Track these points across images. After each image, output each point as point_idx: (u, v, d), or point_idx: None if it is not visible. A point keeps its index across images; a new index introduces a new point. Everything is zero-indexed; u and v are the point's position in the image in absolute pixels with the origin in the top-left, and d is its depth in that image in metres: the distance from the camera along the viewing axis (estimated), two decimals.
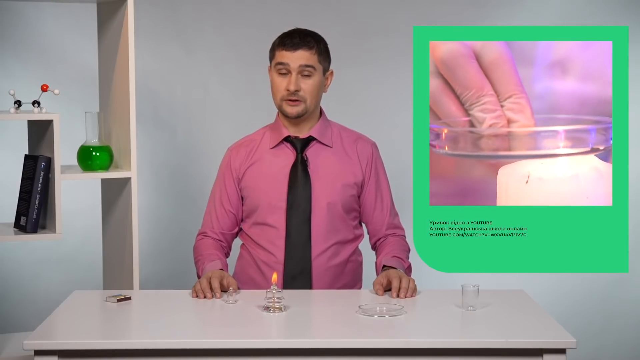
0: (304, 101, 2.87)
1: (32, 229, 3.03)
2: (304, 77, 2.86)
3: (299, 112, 2.87)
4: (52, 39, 4.10)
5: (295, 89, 2.84)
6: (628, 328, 4.42)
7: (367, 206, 2.98)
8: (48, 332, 2.41)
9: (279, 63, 2.86)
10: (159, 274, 4.18)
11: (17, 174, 3.27)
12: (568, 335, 2.37)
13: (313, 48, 2.86)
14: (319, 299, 2.77)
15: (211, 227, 2.98)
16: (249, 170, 2.95)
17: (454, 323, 2.51)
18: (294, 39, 2.86)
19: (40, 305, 3.94)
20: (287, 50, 2.85)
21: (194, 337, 2.39)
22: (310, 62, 2.86)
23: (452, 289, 2.79)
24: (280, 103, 2.89)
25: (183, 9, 4.21)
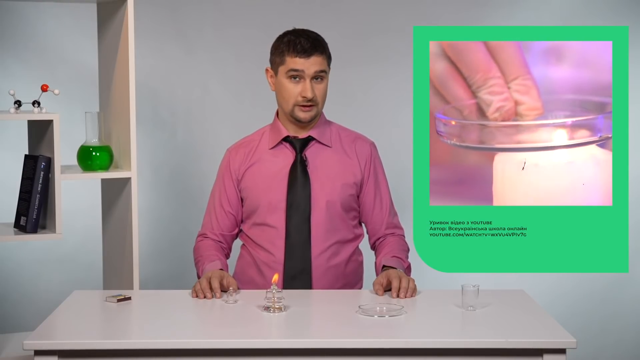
0: (316, 105, 2.87)
1: (32, 229, 3.03)
2: (316, 81, 2.86)
3: (312, 117, 2.88)
4: (52, 39, 4.10)
5: (312, 96, 2.84)
6: (628, 328, 4.42)
7: (366, 206, 2.98)
8: (48, 332, 2.41)
9: (292, 69, 2.84)
10: (159, 274, 4.18)
11: (17, 174, 3.27)
12: (568, 335, 2.37)
13: (324, 53, 2.86)
14: (319, 299, 2.77)
15: (211, 229, 2.98)
16: (248, 171, 2.95)
17: (454, 323, 2.51)
18: (305, 44, 2.83)
19: (40, 305, 3.94)
20: (301, 57, 2.83)
21: (194, 337, 2.39)
22: (323, 67, 2.85)
23: (452, 289, 2.79)
24: (292, 108, 2.88)
25: (183, 9, 4.21)
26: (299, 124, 2.91)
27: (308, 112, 2.86)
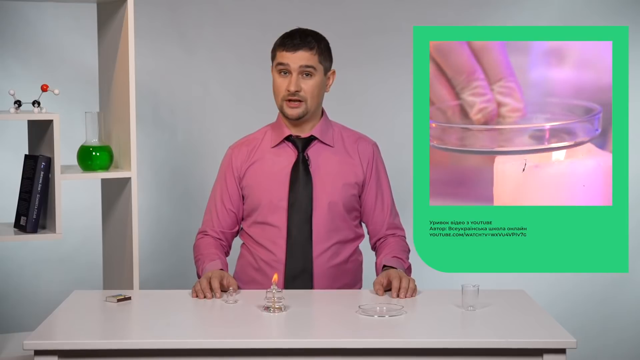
0: (304, 101, 2.87)
1: (32, 229, 3.03)
2: (304, 77, 2.86)
3: (299, 114, 2.87)
4: (52, 39, 4.10)
5: (295, 89, 2.84)
6: (628, 328, 4.42)
7: (367, 206, 2.98)
8: (48, 332, 2.41)
9: (279, 63, 2.86)
10: (159, 274, 4.18)
11: (17, 174, 3.27)
12: (568, 335, 2.37)
13: (313, 48, 2.86)
14: (319, 299, 2.77)
15: (211, 226, 2.98)
16: (250, 169, 2.95)
17: (454, 323, 2.51)
18: (295, 39, 2.86)
19: (40, 305, 3.94)
20: (288, 51, 2.85)
21: (194, 337, 2.39)
22: (311, 63, 2.86)
23: (452, 289, 2.79)
24: (281, 104, 2.89)
25: (183, 9, 4.21)
26: (292, 122, 2.91)
27: (295, 108, 2.87)
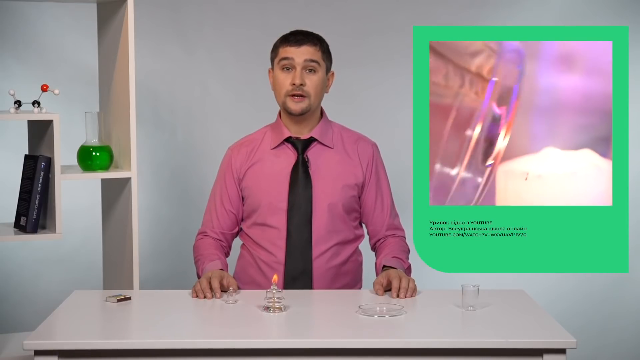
0: (308, 97, 2.87)
1: (32, 229, 3.03)
2: (308, 72, 2.87)
3: (303, 109, 2.88)
4: (52, 39, 4.10)
5: (300, 83, 2.85)
6: (628, 328, 4.42)
7: (367, 207, 2.98)
8: (48, 332, 2.41)
9: (283, 58, 2.87)
10: (159, 274, 4.18)
11: (17, 174, 3.27)
12: (568, 335, 2.37)
13: (317, 45, 2.89)
14: (319, 299, 2.77)
15: (211, 227, 2.98)
16: (249, 171, 2.95)
17: (454, 323, 2.51)
18: (298, 35, 2.89)
19: (40, 305, 3.94)
20: (292, 46, 2.87)
21: (194, 337, 2.39)
22: (315, 57, 2.87)
23: (452, 289, 2.79)
24: (284, 99, 2.89)
25: (183, 9, 4.21)
26: (294, 119, 2.91)
27: (298, 103, 2.87)
